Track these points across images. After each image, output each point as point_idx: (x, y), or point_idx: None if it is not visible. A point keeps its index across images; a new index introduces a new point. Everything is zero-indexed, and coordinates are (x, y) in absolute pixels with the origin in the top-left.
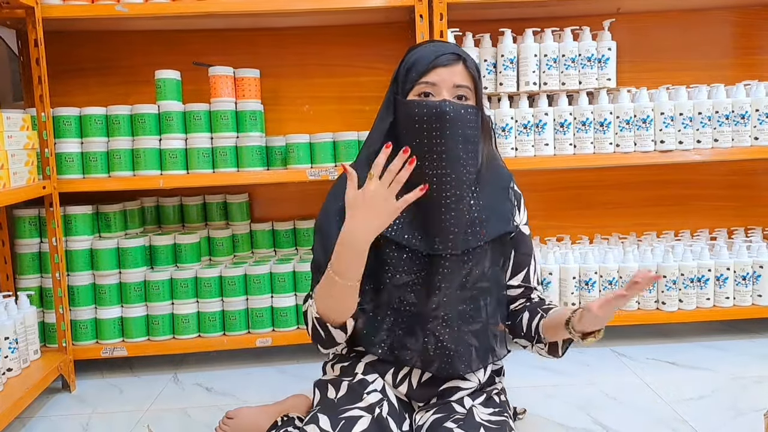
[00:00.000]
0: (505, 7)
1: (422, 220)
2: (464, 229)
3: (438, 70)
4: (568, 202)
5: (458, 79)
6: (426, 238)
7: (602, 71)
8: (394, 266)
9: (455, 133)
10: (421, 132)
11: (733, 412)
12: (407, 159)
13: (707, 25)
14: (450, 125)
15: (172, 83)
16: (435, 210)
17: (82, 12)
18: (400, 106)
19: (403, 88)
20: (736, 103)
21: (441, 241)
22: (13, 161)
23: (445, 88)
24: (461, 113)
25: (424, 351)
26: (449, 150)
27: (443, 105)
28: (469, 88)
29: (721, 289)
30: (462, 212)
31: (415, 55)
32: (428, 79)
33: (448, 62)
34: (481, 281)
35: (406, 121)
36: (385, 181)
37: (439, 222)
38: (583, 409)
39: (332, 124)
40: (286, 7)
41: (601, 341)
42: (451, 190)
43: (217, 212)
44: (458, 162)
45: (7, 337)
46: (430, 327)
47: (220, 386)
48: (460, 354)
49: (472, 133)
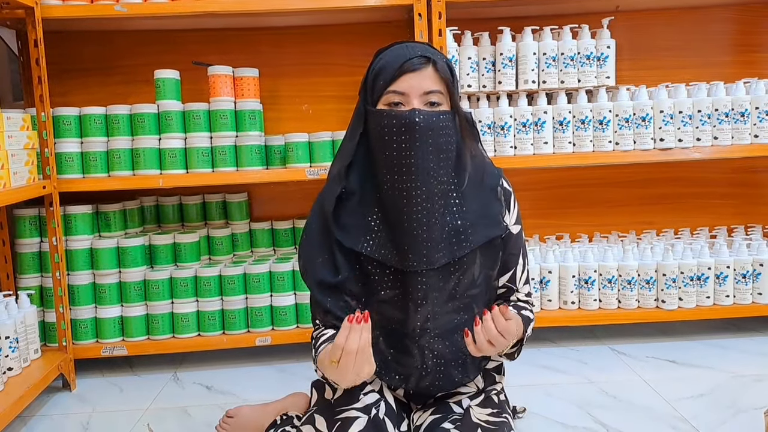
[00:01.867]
0: (504, 6)
1: (394, 233)
2: (440, 242)
3: (406, 77)
4: (567, 201)
5: (428, 84)
6: (399, 253)
7: (601, 69)
8: (377, 282)
9: (425, 144)
10: (390, 144)
11: (733, 410)
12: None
13: (706, 23)
14: (420, 136)
15: (172, 83)
16: (405, 225)
17: (82, 12)
18: (369, 115)
19: (372, 97)
20: (735, 101)
21: (414, 257)
22: (13, 161)
23: (415, 96)
24: (432, 121)
25: (421, 367)
26: (419, 162)
27: (412, 115)
28: (440, 92)
29: (721, 287)
30: (434, 226)
31: (382, 60)
32: (396, 87)
33: (416, 67)
34: (471, 289)
35: (375, 132)
36: (347, 365)
37: (411, 237)
38: (582, 408)
39: (331, 123)
40: (285, 7)
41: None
42: (422, 204)
43: (217, 211)
44: (428, 174)
45: (8, 337)
46: (421, 342)
47: (220, 385)
48: (457, 365)
49: (446, 140)
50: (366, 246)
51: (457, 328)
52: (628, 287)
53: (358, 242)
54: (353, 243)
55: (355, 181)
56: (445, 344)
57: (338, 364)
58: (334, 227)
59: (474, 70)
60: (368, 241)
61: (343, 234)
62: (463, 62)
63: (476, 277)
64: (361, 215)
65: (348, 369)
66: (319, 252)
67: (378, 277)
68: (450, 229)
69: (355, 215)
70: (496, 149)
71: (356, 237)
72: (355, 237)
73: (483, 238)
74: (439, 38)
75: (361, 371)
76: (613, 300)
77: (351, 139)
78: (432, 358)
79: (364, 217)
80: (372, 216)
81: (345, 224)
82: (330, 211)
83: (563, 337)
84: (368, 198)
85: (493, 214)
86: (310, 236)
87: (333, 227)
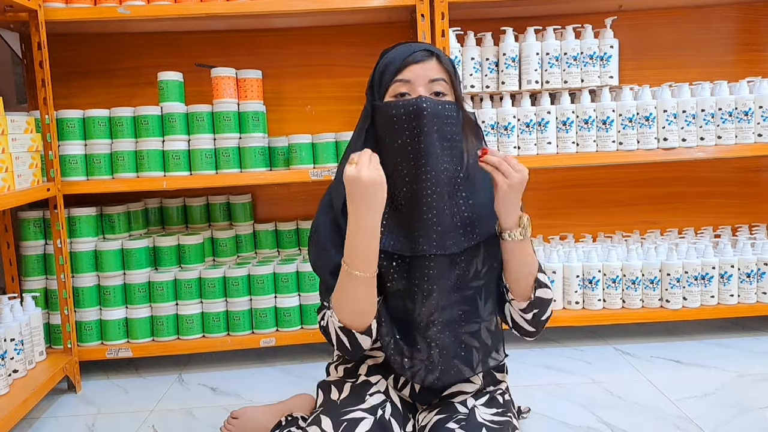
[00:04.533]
0: (507, 6)
1: (404, 220)
2: (450, 230)
3: (411, 67)
4: (571, 201)
5: (433, 73)
6: (408, 239)
7: (604, 69)
8: (385, 275)
9: (433, 130)
10: (400, 132)
11: (738, 410)
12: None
13: (710, 22)
14: (427, 121)
15: (175, 85)
16: (416, 208)
17: (85, 15)
18: (377, 111)
19: (379, 92)
20: (739, 100)
21: (424, 241)
22: (17, 164)
23: (421, 84)
24: (438, 108)
25: (427, 359)
26: (428, 147)
27: (419, 101)
28: (445, 80)
29: (726, 286)
30: (444, 211)
31: (387, 57)
32: (402, 76)
33: (421, 59)
34: (475, 280)
35: (384, 125)
36: (364, 160)
37: (421, 220)
38: (587, 408)
39: (334, 124)
40: (288, 8)
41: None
42: (432, 187)
43: (221, 213)
44: (437, 158)
45: (13, 339)
46: (429, 334)
47: (225, 386)
48: (462, 358)
49: (452, 129)
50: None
51: (461, 320)
52: (632, 287)
53: None
54: None
55: None
56: (450, 338)
57: (356, 163)
58: (343, 221)
59: (477, 71)
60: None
61: None
62: (466, 63)
63: (480, 269)
64: None
65: (365, 163)
66: (330, 244)
67: (385, 269)
68: (458, 219)
69: None
70: (500, 149)
71: None
72: None
73: (489, 230)
74: (442, 39)
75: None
76: (617, 300)
77: (359, 136)
78: (438, 350)
79: None
80: None
81: None
82: (339, 205)
83: (567, 337)
84: None
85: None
86: (320, 230)
87: (342, 221)
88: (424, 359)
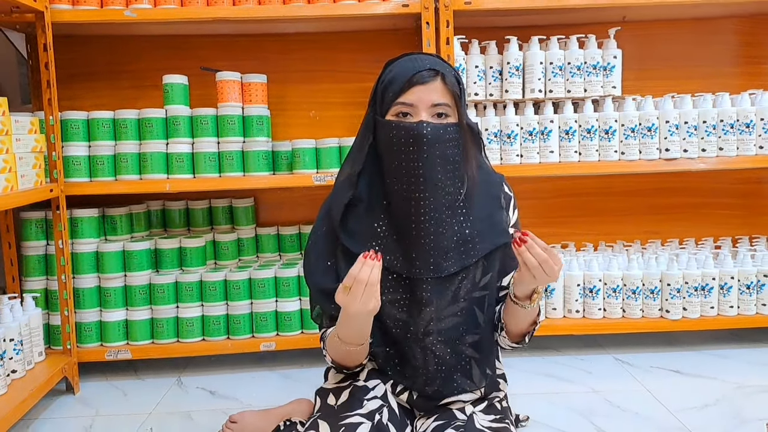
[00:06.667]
0: (512, 15)
1: (402, 242)
2: (449, 250)
3: (415, 89)
4: (572, 210)
5: (436, 96)
6: (406, 260)
7: (608, 79)
8: (382, 287)
9: (433, 156)
10: (399, 155)
11: (737, 421)
12: (374, 256)
13: (713, 34)
14: (428, 147)
15: (180, 88)
16: (414, 234)
17: (91, 17)
18: (378, 126)
19: (381, 108)
20: (741, 112)
21: (421, 265)
22: (20, 164)
23: (423, 108)
24: (440, 134)
25: (425, 370)
26: (427, 173)
27: (420, 127)
28: (448, 105)
29: (725, 297)
30: (442, 235)
31: (391, 72)
32: (405, 99)
33: (425, 80)
34: (473, 292)
35: (384, 142)
36: (357, 292)
37: (418, 246)
38: (585, 417)
39: (338, 129)
40: (293, 14)
41: (604, 348)
42: (430, 213)
43: (223, 216)
44: (436, 185)
45: (12, 339)
46: (426, 344)
47: (224, 390)
48: (461, 370)
49: (453, 152)
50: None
51: (458, 331)
52: (632, 297)
53: (365, 248)
54: (360, 248)
55: (363, 188)
56: (447, 349)
57: (350, 290)
58: (341, 233)
59: (481, 79)
60: (374, 247)
61: (350, 240)
62: (470, 70)
63: (478, 281)
64: (368, 222)
65: (357, 296)
66: (324, 257)
67: (382, 282)
68: (458, 239)
69: (362, 222)
70: (503, 158)
71: (363, 242)
72: (362, 242)
73: (490, 245)
74: (446, 47)
75: (368, 303)
76: (618, 309)
77: (360, 148)
78: (435, 362)
79: (371, 224)
80: (379, 223)
81: (352, 230)
82: (338, 218)
83: (567, 346)
84: (375, 205)
85: (498, 222)
86: (316, 242)
87: (340, 233)
88: (421, 370)
